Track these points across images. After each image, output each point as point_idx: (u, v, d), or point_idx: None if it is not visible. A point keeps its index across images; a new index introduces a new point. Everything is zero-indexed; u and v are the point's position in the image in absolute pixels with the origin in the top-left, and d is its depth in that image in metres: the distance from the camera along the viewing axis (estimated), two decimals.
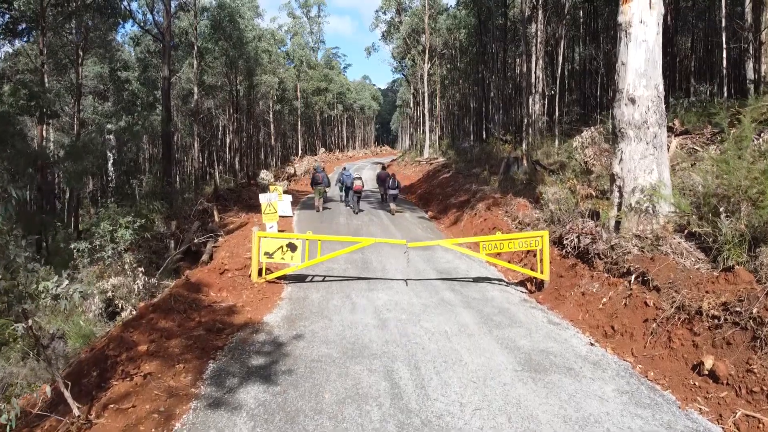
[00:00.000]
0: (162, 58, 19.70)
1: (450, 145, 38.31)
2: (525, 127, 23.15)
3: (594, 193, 8.85)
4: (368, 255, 10.23)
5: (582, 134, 18.19)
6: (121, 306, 8.37)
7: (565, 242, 8.30)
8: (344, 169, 19.58)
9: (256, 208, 15.98)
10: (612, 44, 24.44)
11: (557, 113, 21.95)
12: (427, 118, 38.62)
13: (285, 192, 24.89)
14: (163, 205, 17.38)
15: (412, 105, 56.66)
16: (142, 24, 23.61)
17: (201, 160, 47.22)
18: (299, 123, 61.23)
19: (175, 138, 41.76)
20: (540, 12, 23.73)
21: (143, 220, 9.37)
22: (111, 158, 36.30)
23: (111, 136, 35.70)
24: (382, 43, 47.41)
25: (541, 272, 7.82)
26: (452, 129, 51.38)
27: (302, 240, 7.52)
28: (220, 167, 44.35)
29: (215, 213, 15.63)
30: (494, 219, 12.89)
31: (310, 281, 7.91)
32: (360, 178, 17.26)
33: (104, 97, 34.54)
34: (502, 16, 33.23)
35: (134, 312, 8.16)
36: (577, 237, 8.04)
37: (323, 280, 7.97)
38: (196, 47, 28.28)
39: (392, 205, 16.77)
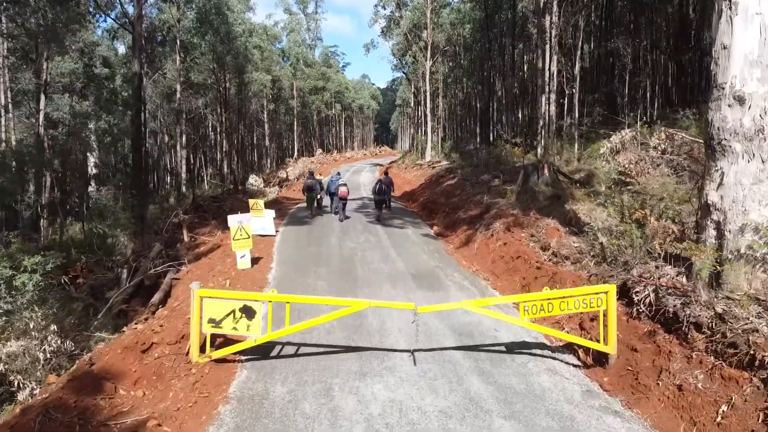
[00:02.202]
0: (133, 52, 17.37)
1: (453, 148, 36.05)
2: (540, 130, 20.85)
3: (674, 230, 6.51)
4: None
5: (611, 138, 15.91)
6: (19, 384, 6.06)
7: (634, 296, 5.98)
8: (338, 174, 17.38)
9: None
10: (639, 37, 22.13)
11: (577, 114, 19.64)
12: (429, 118, 36.28)
13: (274, 201, 22.61)
14: (128, 220, 15.06)
15: (412, 104, 54.38)
16: (117, 18, 21.21)
17: (193, 161, 44.83)
18: (296, 123, 58.88)
19: (166, 139, 39.50)
20: (555, 1, 21.41)
21: (60, 258, 7.04)
22: (92, 161, 34.05)
23: (92, 137, 33.43)
24: (382, 39, 45.02)
25: (605, 342, 5.52)
26: (455, 130, 49.12)
27: (263, 302, 5.19)
28: (210, 170, 42.04)
29: (184, 232, 13.31)
30: (517, 244, 10.56)
31: (277, 356, 5.58)
32: (345, 185, 15.73)
33: (84, 95, 32.15)
34: (511, 9, 30.93)
35: (36, 392, 5.88)
36: (654, 291, 5.73)
37: (296, 353, 5.64)
38: (179, 41, 25.95)
39: (380, 211, 15.68)
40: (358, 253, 11.38)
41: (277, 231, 13.96)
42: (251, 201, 13.38)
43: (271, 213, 13.48)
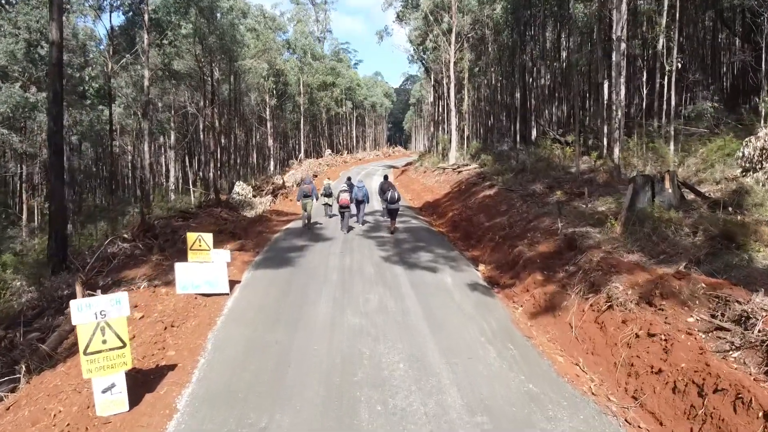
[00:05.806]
0: (50, 13, 12.32)
1: (482, 148, 30.57)
2: (618, 123, 15.29)
3: None
4: None
5: (760, 134, 10.41)
6: None
7: None
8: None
9: (185, 255, 8.40)
10: None
11: (674, 103, 14.04)
12: (453, 114, 30.83)
13: (257, 220, 17.31)
14: (16, 255, 9.93)
15: (431, 99, 48.88)
16: None
17: (186, 164, 40.02)
18: (302, 121, 53.86)
19: (162, 139, 34.63)
20: None
21: None
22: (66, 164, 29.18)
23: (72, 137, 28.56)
24: (397, 25, 39.89)
25: None
26: (478, 128, 43.52)
27: None
28: (201, 174, 37.09)
29: (79, 288, 8.06)
30: (691, 347, 5.08)
31: None
32: (346, 191, 14.27)
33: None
34: None
35: None
36: None
37: None
38: (147, 17, 20.89)
39: (392, 224, 13.98)
40: (364, 350, 5.98)
41: (236, 283, 8.68)
42: (190, 236, 8.09)
43: (225, 255, 8.16)
